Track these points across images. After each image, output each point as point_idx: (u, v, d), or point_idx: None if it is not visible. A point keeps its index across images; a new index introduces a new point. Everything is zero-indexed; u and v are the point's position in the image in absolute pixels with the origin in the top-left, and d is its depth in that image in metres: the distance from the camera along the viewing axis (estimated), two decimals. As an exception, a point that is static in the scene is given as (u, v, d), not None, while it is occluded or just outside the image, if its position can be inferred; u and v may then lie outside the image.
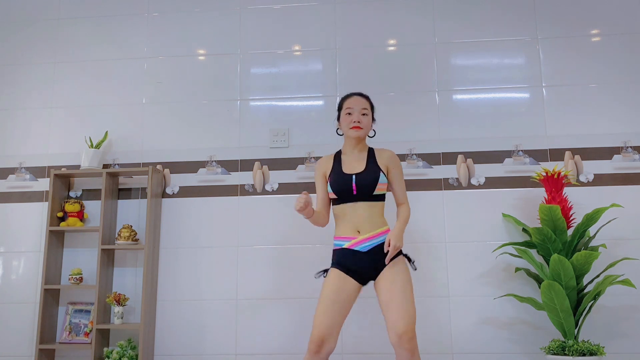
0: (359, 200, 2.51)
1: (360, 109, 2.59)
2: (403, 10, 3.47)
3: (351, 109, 2.60)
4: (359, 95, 2.66)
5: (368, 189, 2.50)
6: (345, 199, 2.53)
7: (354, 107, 2.59)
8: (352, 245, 2.49)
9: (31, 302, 3.33)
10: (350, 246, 2.49)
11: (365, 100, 2.64)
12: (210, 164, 3.40)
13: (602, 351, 2.69)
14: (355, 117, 2.57)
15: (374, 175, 2.52)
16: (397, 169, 2.62)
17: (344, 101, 2.66)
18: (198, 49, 3.54)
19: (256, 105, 3.45)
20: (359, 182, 2.50)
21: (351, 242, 2.49)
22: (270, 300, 3.22)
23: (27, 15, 3.67)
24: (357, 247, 2.48)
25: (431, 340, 3.10)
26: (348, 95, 2.68)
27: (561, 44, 3.35)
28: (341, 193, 2.53)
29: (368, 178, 2.51)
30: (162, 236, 3.34)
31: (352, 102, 2.62)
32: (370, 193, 2.51)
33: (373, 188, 2.50)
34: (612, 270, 3.02)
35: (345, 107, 2.62)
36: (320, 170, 2.66)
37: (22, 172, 3.48)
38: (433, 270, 3.17)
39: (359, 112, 2.59)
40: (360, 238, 2.49)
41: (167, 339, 3.24)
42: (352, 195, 2.51)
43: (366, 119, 2.60)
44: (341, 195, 2.53)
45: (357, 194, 2.50)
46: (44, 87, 3.57)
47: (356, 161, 2.60)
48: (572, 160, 3.21)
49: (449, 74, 3.38)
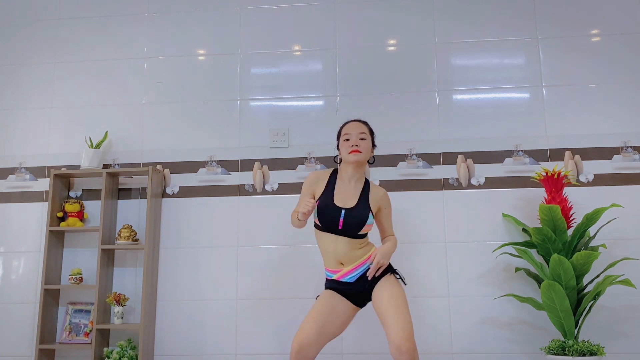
0: (343, 235, 2.51)
1: (357, 134, 2.56)
2: (403, 10, 3.47)
3: (349, 135, 2.57)
4: (356, 121, 2.64)
5: (354, 228, 2.49)
6: (329, 230, 2.53)
7: (352, 133, 2.57)
8: (339, 277, 2.53)
9: (31, 302, 3.33)
10: (338, 278, 2.54)
11: (363, 125, 2.62)
12: (210, 164, 3.41)
13: (602, 351, 2.69)
14: (353, 141, 2.55)
15: (362, 216, 2.49)
16: (388, 209, 2.65)
17: (342, 128, 2.64)
18: (198, 49, 3.54)
19: (256, 105, 3.45)
20: (347, 219, 2.49)
21: (337, 275, 2.54)
22: (270, 300, 3.23)
23: (27, 15, 3.67)
24: (344, 278, 2.52)
25: (431, 340, 3.10)
26: (346, 122, 2.66)
27: (561, 44, 3.35)
28: (326, 225, 2.52)
29: (356, 217, 2.49)
30: (162, 236, 3.34)
31: (349, 128, 2.60)
32: (355, 232, 2.50)
33: (359, 229, 2.50)
34: (612, 270, 3.01)
35: (343, 134, 2.60)
36: (311, 188, 2.62)
37: (22, 172, 3.48)
38: (433, 270, 3.17)
39: (357, 136, 2.56)
40: (344, 270, 2.52)
41: (167, 339, 3.24)
42: (336, 229, 2.51)
43: (365, 143, 2.56)
44: (326, 226, 2.53)
45: (342, 229, 2.50)
46: (44, 87, 3.57)
47: (349, 193, 2.56)
48: (572, 160, 3.21)
49: (449, 74, 3.38)
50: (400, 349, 2.27)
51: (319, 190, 2.59)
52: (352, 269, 2.51)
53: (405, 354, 2.27)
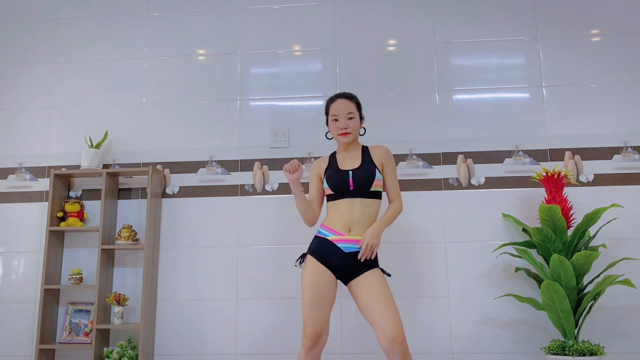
0: (356, 196, 2.51)
1: (345, 114, 2.57)
2: (403, 10, 3.47)
3: (337, 115, 2.58)
4: (343, 98, 2.61)
5: (365, 183, 2.50)
6: (342, 195, 2.52)
7: (339, 113, 2.57)
8: (337, 240, 2.48)
9: (31, 302, 3.33)
10: (335, 240, 2.48)
11: (350, 103, 2.60)
12: (210, 164, 3.41)
13: (602, 351, 2.69)
14: (342, 123, 2.56)
15: (369, 172, 2.52)
16: (391, 164, 2.61)
17: (329, 106, 2.63)
18: (198, 49, 3.54)
19: (256, 105, 3.45)
20: (356, 178, 2.51)
21: (338, 237, 2.49)
22: (270, 300, 3.22)
23: (27, 15, 3.67)
24: (341, 244, 2.47)
25: (431, 340, 3.10)
26: (332, 99, 2.64)
27: (561, 44, 3.35)
28: (338, 188, 2.53)
29: (364, 174, 2.51)
30: (162, 236, 3.34)
31: (336, 108, 2.59)
32: (367, 189, 2.51)
33: (370, 184, 2.51)
34: (612, 270, 3.01)
35: (331, 114, 2.60)
36: (315, 170, 2.67)
37: (22, 172, 3.48)
38: (433, 270, 3.17)
39: (345, 117, 2.56)
40: (348, 237, 2.48)
41: (167, 339, 3.24)
42: (349, 191, 2.51)
43: (353, 122, 2.58)
44: (338, 191, 2.53)
45: (354, 189, 2.50)
46: (45, 87, 3.57)
47: (351, 159, 2.60)
48: (572, 160, 3.21)
49: (449, 74, 3.38)
50: (394, 340, 2.27)
51: (323, 168, 2.64)
52: (355, 240, 2.47)
53: (399, 345, 2.27)
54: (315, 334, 2.39)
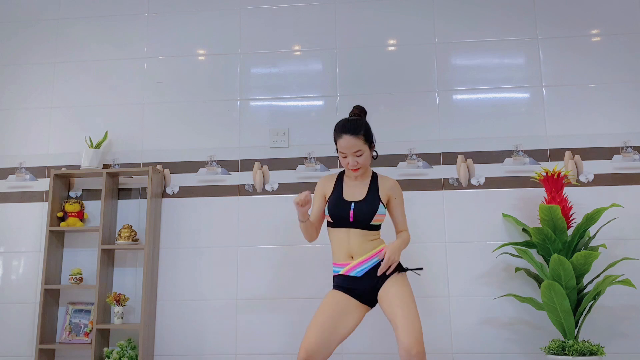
0: (355, 227, 2.50)
1: (353, 153, 2.48)
2: (403, 10, 3.47)
3: (344, 153, 2.50)
4: (350, 135, 2.46)
5: (365, 218, 2.48)
6: (341, 225, 2.52)
7: (347, 152, 2.49)
8: (347, 271, 2.50)
9: (31, 302, 3.33)
10: (346, 272, 2.50)
11: (356, 140, 2.46)
12: (210, 164, 3.41)
13: (602, 351, 2.69)
14: (351, 160, 2.49)
15: (372, 206, 2.49)
16: (399, 198, 2.59)
17: (337, 139, 2.51)
18: (198, 49, 3.54)
19: (256, 105, 3.45)
20: (357, 211, 2.48)
21: (345, 268, 2.50)
22: (270, 300, 3.23)
23: (27, 15, 3.67)
24: (352, 272, 2.49)
25: (431, 340, 3.10)
26: (338, 134, 2.50)
27: (561, 44, 3.35)
28: (338, 218, 2.52)
29: (367, 208, 2.48)
30: (162, 236, 3.34)
31: (343, 146, 2.48)
32: (367, 223, 2.49)
33: (370, 219, 2.49)
34: (612, 270, 3.01)
35: (339, 149, 2.51)
36: (321, 190, 2.63)
37: (22, 172, 3.48)
38: (433, 270, 3.17)
39: (353, 155, 2.49)
40: (353, 263, 2.48)
41: (167, 339, 3.24)
42: (348, 222, 2.50)
43: (362, 157, 2.50)
44: (337, 221, 2.52)
45: (354, 222, 2.49)
46: (44, 87, 3.57)
47: (358, 187, 2.56)
48: (572, 160, 3.21)
49: (449, 74, 3.38)
50: (410, 352, 2.23)
51: (329, 190, 2.60)
52: (361, 262, 2.48)
53: (414, 358, 2.24)
54: (306, 351, 2.29)
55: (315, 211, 2.64)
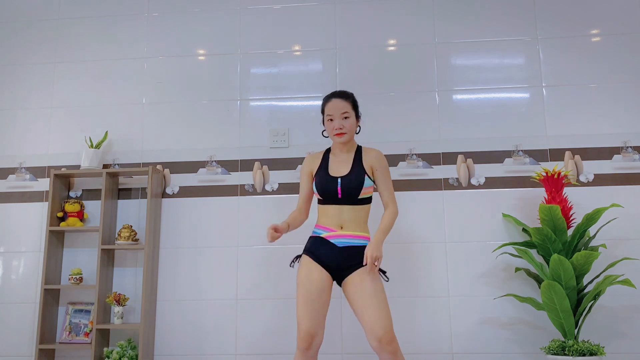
0: (344, 203, 2.50)
1: (340, 114, 2.53)
2: (403, 10, 3.47)
3: (332, 115, 2.55)
4: (338, 97, 2.57)
5: (353, 192, 2.48)
6: (330, 201, 2.52)
7: (334, 113, 2.54)
8: (330, 236, 2.48)
9: (31, 302, 3.33)
10: (328, 237, 2.49)
11: (345, 102, 2.56)
12: (210, 164, 3.41)
13: (602, 351, 2.69)
14: (337, 123, 2.54)
15: (358, 179, 2.49)
16: (383, 169, 2.57)
17: (325, 105, 2.61)
18: (198, 49, 3.54)
19: (256, 105, 3.45)
20: (344, 186, 2.49)
21: (330, 233, 2.49)
22: (270, 300, 3.22)
23: (27, 15, 3.67)
24: (334, 240, 2.47)
25: (431, 340, 3.10)
26: (327, 98, 2.60)
27: (561, 44, 3.35)
28: (326, 195, 2.52)
29: (353, 182, 2.49)
30: (162, 236, 3.34)
31: (331, 108, 2.56)
32: (355, 197, 2.49)
33: (358, 192, 2.49)
34: (612, 270, 3.01)
35: (327, 113, 2.57)
36: (307, 168, 2.65)
37: (22, 172, 3.48)
38: (433, 270, 3.17)
39: (340, 117, 2.54)
40: (340, 232, 2.48)
41: (167, 339, 3.24)
42: (337, 199, 2.50)
43: (348, 122, 2.55)
44: (326, 197, 2.53)
45: (342, 197, 2.49)
46: (44, 87, 3.57)
47: (343, 162, 2.57)
48: (572, 160, 3.21)
49: (449, 74, 3.38)
50: (382, 340, 2.27)
51: (315, 167, 2.62)
52: (348, 235, 2.47)
53: (388, 344, 2.27)
54: (308, 333, 2.36)
55: (305, 191, 2.65)
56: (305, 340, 2.36)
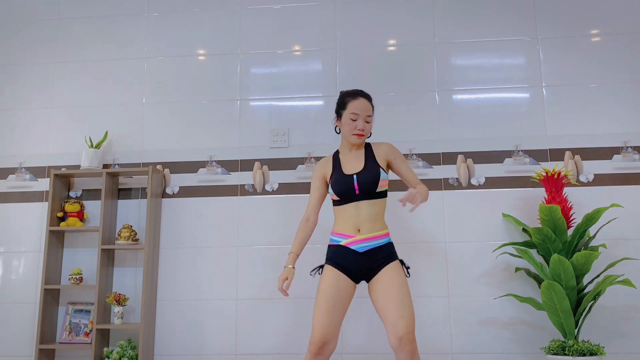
0: (362, 199, 2.49)
1: (365, 116, 2.53)
2: (403, 10, 3.47)
3: (357, 115, 2.52)
4: (365, 98, 2.56)
5: (370, 187, 2.48)
6: (348, 199, 2.51)
7: (360, 114, 2.52)
8: (349, 243, 2.47)
9: (31, 302, 3.33)
10: (348, 244, 2.47)
11: (370, 105, 2.56)
12: (210, 164, 3.41)
13: (602, 351, 2.69)
14: (360, 124, 2.52)
15: (374, 173, 2.49)
16: (399, 158, 2.59)
17: (349, 102, 2.55)
18: (198, 49, 3.54)
19: (256, 105, 3.45)
20: (361, 181, 2.48)
21: (349, 240, 2.47)
22: (270, 300, 3.23)
23: (27, 15, 3.67)
24: (354, 246, 2.46)
25: (431, 340, 3.10)
26: (353, 95, 2.56)
27: (561, 44, 3.35)
28: (344, 194, 2.51)
29: (369, 176, 2.49)
30: (162, 236, 3.34)
31: (358, 107, 2.53)
32: (372, 191, 2.49)
33: (375, 186, 2.49)
34: (612, 270, 3.01)
35: (351, 111, 2.53)
36: (320, 172, 2.63)
37: (22, 172, 3.48)
38: (433, 270, 3.17)
39: (364, 119, 2.53)
40: (359, 237, 2.46)
41: (167, 339, 3.24)
42: (354, 195, 2.49)
43: (369, 125, 2.56)
44: (344, 196, 2.51)
45: (360, 193, 2.49)
46: (44, 87, 3.57)
47: (355, 160, 2.57)
48: (572, 160, 3.21)
49: (449, 74, 3.38)
50: (402, 339, 2.26)
51: (328, 171, 2.61)
52: (366, 238, 2.46)
53: (407, 344, 2.26)
54: (322, 340, 2.35)
55: (316, 196, 2.62)
56: (316, 345, 2.35)
